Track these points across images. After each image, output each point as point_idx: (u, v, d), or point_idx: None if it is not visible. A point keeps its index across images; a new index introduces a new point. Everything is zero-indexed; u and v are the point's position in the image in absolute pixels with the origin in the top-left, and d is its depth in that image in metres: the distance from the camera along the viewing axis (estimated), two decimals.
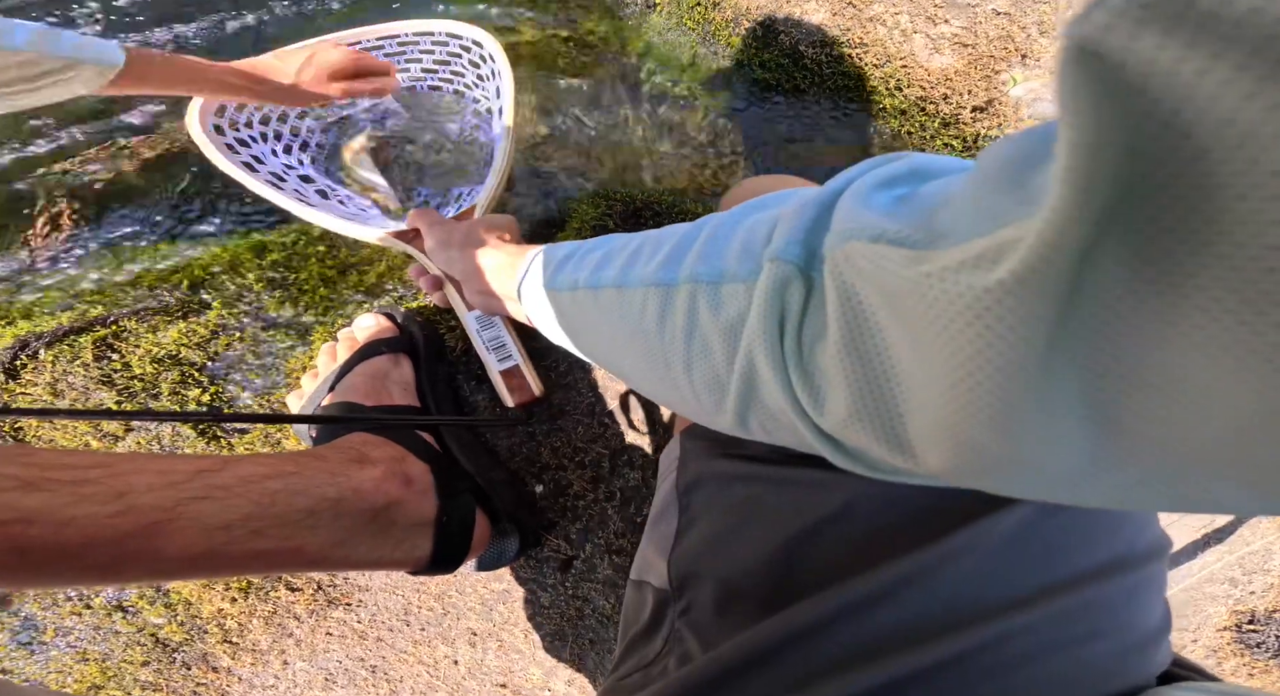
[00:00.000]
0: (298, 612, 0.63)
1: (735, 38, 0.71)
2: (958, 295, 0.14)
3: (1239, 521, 0.61)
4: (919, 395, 0.17)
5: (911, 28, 0.66)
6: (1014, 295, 0.13)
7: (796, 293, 0.20)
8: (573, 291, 0.32)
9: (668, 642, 0.32)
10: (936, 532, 0.28)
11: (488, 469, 0.55)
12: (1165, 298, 0.11)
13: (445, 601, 0.63)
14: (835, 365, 0.19)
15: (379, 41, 0.63)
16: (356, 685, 0.64)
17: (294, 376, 0.64)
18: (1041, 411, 0.14)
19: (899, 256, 0.16)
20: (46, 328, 0.64)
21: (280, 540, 0.38)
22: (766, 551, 0.30)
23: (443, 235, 0.50)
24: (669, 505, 0.38)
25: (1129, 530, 0.29)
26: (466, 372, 0.62)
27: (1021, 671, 0.26)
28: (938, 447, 0.17)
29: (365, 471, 0.45)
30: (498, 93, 0.62)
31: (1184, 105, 0.09)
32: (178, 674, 0.65)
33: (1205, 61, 0.09)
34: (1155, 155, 0.10)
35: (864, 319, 0.18)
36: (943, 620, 0.26)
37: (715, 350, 0.23)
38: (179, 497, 0.35)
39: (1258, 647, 0.63)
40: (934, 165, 0.20)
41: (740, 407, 0.23)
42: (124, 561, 0.33)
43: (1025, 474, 0.16)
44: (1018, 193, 0.13)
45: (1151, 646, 0.28)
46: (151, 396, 0.63)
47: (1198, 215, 0.10)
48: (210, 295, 0.66)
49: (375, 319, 0.59)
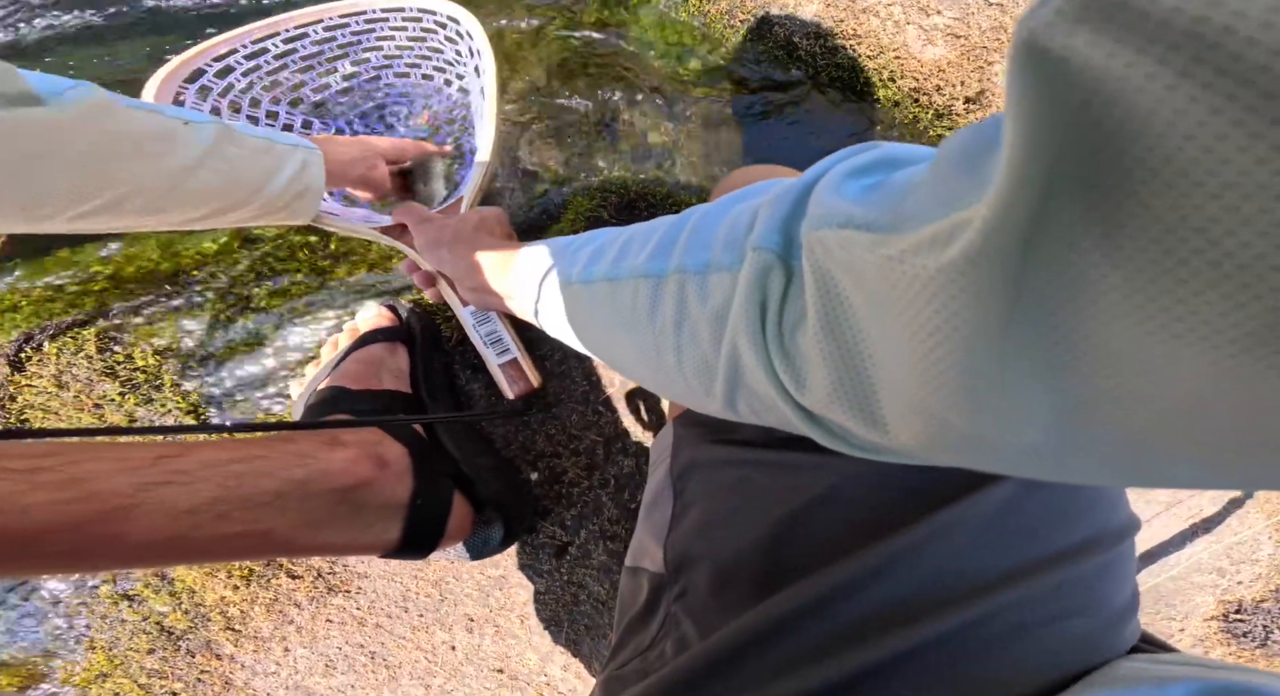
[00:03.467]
0: (298, 600, 0.64)
1: (730, 29, 0.71)
2: (914, 276, 0.15)
3: (1228, 511, 0.62)
4: (890, 374, 0.17)
5: (904, 19, 0.66)
6: (965, 274, 0.13)
7: (777, 280, 0.21)
8: (567, 285, 0.32)
9: (663, 627, 0.33)
10: (920, 512, 0.28)
11: (475, 454, 0.55)
12: (1105, 278, 0.12)
13: (443, 588, 0.64)
14: (814, 347, 0.19)
15: (342, 19, 0.60)
16: (356, 671, 0.65)
17: (292, 366, 0.65)
18: (1002, 390, 0.15)
19: (865, 240, 0.17)
20: (52, 320, 0.65)
21: (247, 523, 0.38)
22: (759, 533, 0.31)
23: (432, 233, 0.50)
24: (663, 491, 0.38)
25: (1102, 510, 0.30)
26: (463, 362, 0.63)
27: (1003, 648, 0.27)
28: (909, 425, 0.18)
29: (336, 452, 0.44)
30: (478, 72, 0.58)
31: (1117, 96, 0.10)
32: (182, 661, 0.66)
33: (1133, 56, 0.09)
34: (1091, 143, 0.11)
35: (839, 302, 0.18)
36: (927, 600, 0.27)
37: (703, 337, 0.24)
38: (139, 483, 0.35)
39: (1244, 637, 0.63)
40: (904, 154, 0.21)
41: (728, 391, 0.24)
42: (85, 548, 0.33)
43: (993, 450, 0.17)
44: (972, 178, 0.14)
45: (1123, 621, 0.29)
46: (154, 388, 0.64)
47: (1133, 200, 0.11)
48: (204, 286, 0.67)
49: (377, 310, 0.60)
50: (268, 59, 0.60)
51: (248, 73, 0.60)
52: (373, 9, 0.60)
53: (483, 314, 0.56)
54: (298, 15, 0.59)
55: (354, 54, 0.65)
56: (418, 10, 0.60)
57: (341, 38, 0.62)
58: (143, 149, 0.38)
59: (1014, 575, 0.27)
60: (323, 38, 0.61)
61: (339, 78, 0.66)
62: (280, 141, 0.47)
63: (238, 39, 0.57)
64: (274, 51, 0.60)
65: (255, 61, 0.60)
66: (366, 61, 0.66)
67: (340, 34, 0.62)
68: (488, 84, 0.55)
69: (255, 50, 0.59)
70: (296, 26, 0.59)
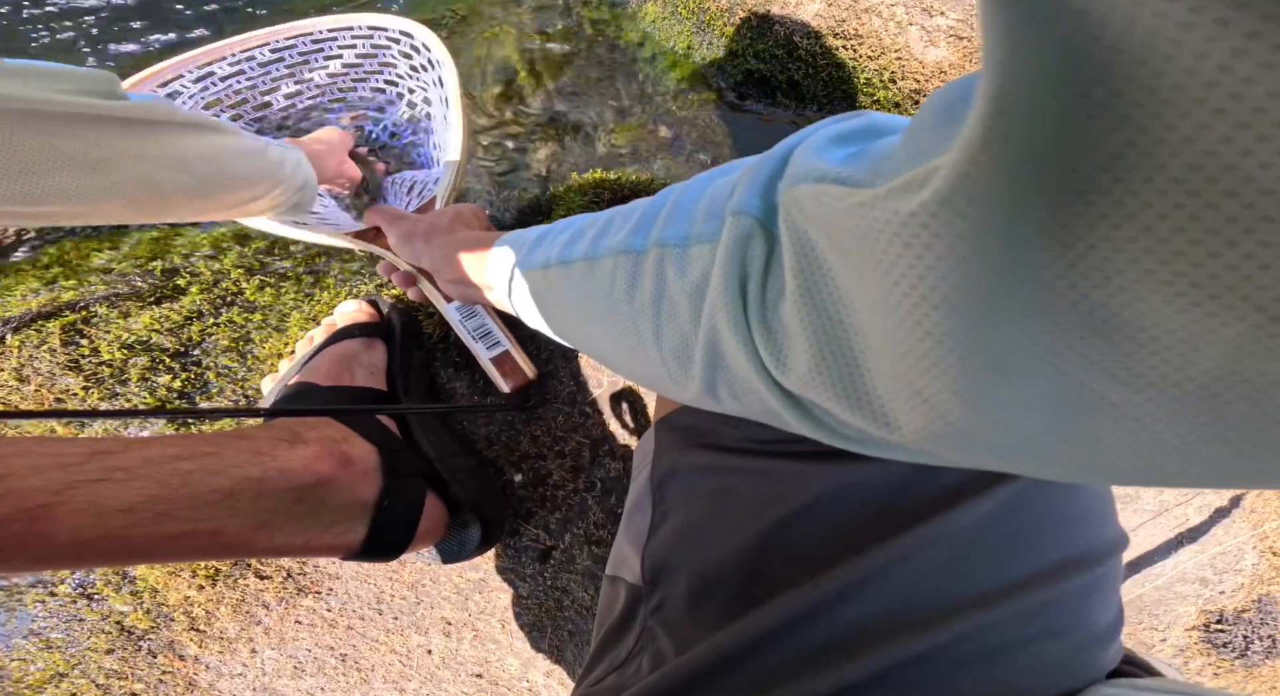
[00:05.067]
0: (266, 600, 0.62)
1: (729, 28, 0.70)
2: (885, 222, 0.14)
3: (1214, 521, 0.62)
4: (874, 345, 0.16)
5: (907, 19, 0.66)
6: (938, 217, 0.12)
7: (758, 248, 0.19)
8: (545, 269, 0.31)
9: (639, 641, 0.32)
10: (900, 527, 0.27)
11: (451, 454, 0.53)
12: (1108, 236, 0.10)
13: (419, 590, 0.62)
14: (794, 317, 0.18)
15: (289, 41, 0.61)
16: (325, 673, 0.63)
17: (269, 362, 0.62)
18: (998, 367, 0.14)
19: (838, 192, 0.16)
20: (15, 312, 0.62)
21: (192, 522, 0.36)
22: (739, 544, 0.30)
23: (405, 229, 0.49)
24: (643, 498, 0.37)
25: (1088, 527, 0.29)
26: (444, 360, 0.61)
27: (978, 669, 0.26)
28: (902, 410, 0.16)
29: (295, 450, 0.43)
30: (439, 82, 0.60)
31: (1108, 20, 0.09)
32: (143, 662, 0.63)
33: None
34: (1081, 67, 0.09)
35: (816, 264, 0.17)
36: (904, 619, 0.26)
37: (682, 313, 0.23)
38: (69, 480, 0.33)
39: (1224, 647, 0.64)
40: (889, 123, 0.20)
41: (707, 373, 0.23)
42: (4, 547, 0.31)
43: (989, 441, 0.16)
44: (947, 129, 0.13)
45: (1103, 644, 0.28)
46: (119, 382, 0.62)
47: (1134, 149, 0.09)
48: (186, 280, 0.64)
49: (357, 305, 0.58)
50: (213, 81, 0.61)
51: (193, 96, 0.61)
52: (319, 29, 0.61)
53: (468, 308, 0.54)
54: (242, 39, 0.60)
55: (299, 74, 0.66)
56: (368, 28, 0.61)
57: (290, 57, 0.63)
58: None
59: (993, 595, 0.26)
60: (269, 59, 0.63)
61: (280, 96, 0.67)
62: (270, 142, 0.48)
63: (183, 65, 0.58)
64: (219, 73, 0.61)
65: (202, 84, 0.61)
66: (310, 81, 0.67)
67: (288, 54, 0.63)
68: (450, 93, 0.58)
69: (201, 75, 0.60)
70: (242, 50, 0.60)
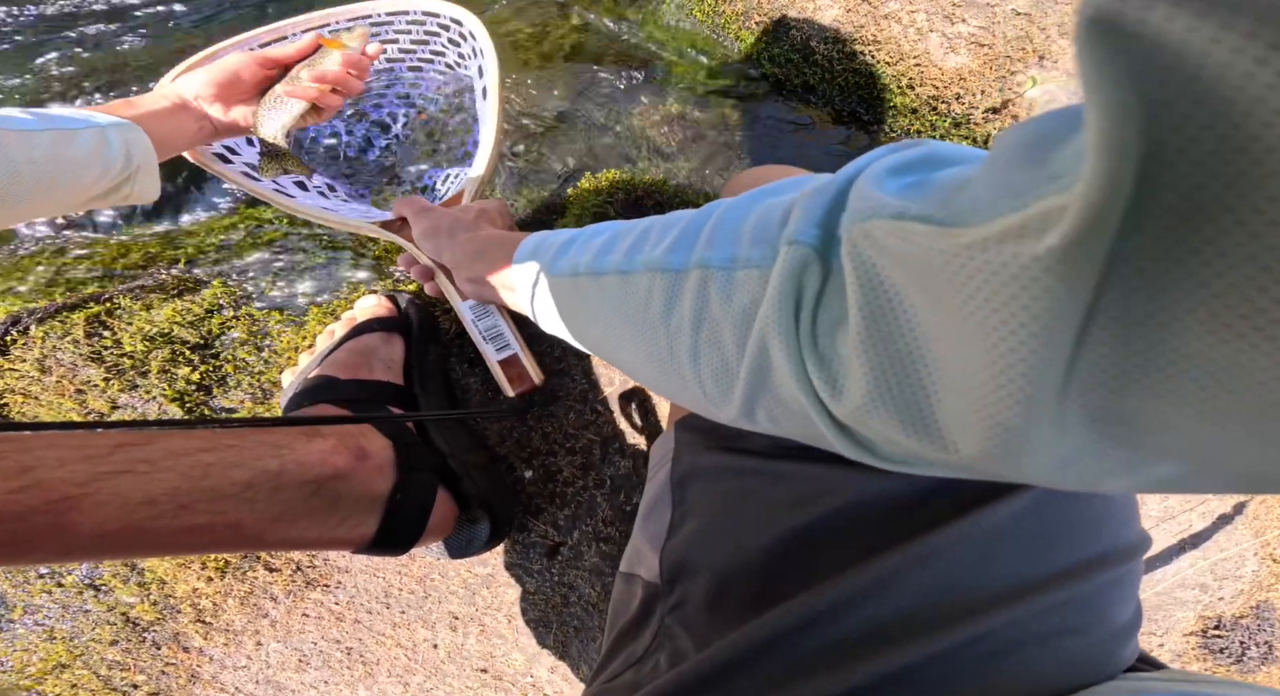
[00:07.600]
0: (275, 593, 0.62)
1: (746, 31, 0.70)
2: (1002, 265, 0.14)
3: (1217, 527, 0.63)
4: (952, 375, 0.16)
5: (927, 26, 0.66)
6: (1062, 263, 0.13)
7: (814, 276, 0.20)
8: (574, 277, 0.31)
9: (657, 637, 0.32)
10: (923, 528, 0.28)
11: (464, 450, 0.53)
12: (1191, 273, 0.11)
13: (427, 584, 0.62)
14: (855, 348, 0.18)
15: (349, 23, 0.61)
16: (331, 666, 0.63)
17: (287, 356, 0.62)
18: (1058, 401, 0.14)
19: (927, 231, 0.16)
20: (40, 303, 0.62)
21: (212, 515, 0.37)
22: (759, 546, 0.30)
23: (430, 222, 0.49)
24: (662, 497, 0.37)
25: (1111, 527, 0.30)
26: (460, 355, 0.61)
27: (999, 666, 0.26)
28: (970, 430, 0.17)
29: (313, 443, 0.43)
30: (480, 72, 0.59)
31: (1198, 71, 0.09)
32: (147, 653, 0.63)
33: (1216, 30, 0.09)
34: (1174, 121, 0.10)
35: (888, 298, 0.17)
36: (926, 616, 0.27)
37: (725, 338, 0.23)
38: (95, 472, 0.33)
39: (1220, 653, 0.64)
40: (949, 153, 0.20)
41: (749, 397, 0.23)
42: (30, 538, 0.32)
43: (1034, 458, 0.16)
44: (1041, 170, 0.14)
45: (1122, 641, 0.29)
46: (140, 374, 0.61)
47: (1218, 181, 0.10)
48: (206, 273, 0.64)
49: (376, 300, 0.58)
50: None
51: None
52: (377, 13, 0.61)
53: (482, 308, 0.54)
54: (303, 20, 0.59)
55: None
56: (421, 13, 0.61)
57: None
58: None
59: (1017, 592, 0.27)
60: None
61: None
62: (80, 126, 0.44)
63: (243, 43, 0.57)
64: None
65: None
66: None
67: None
68: (490, 84, 0.57)
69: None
70: (303, 30, 0.59)
